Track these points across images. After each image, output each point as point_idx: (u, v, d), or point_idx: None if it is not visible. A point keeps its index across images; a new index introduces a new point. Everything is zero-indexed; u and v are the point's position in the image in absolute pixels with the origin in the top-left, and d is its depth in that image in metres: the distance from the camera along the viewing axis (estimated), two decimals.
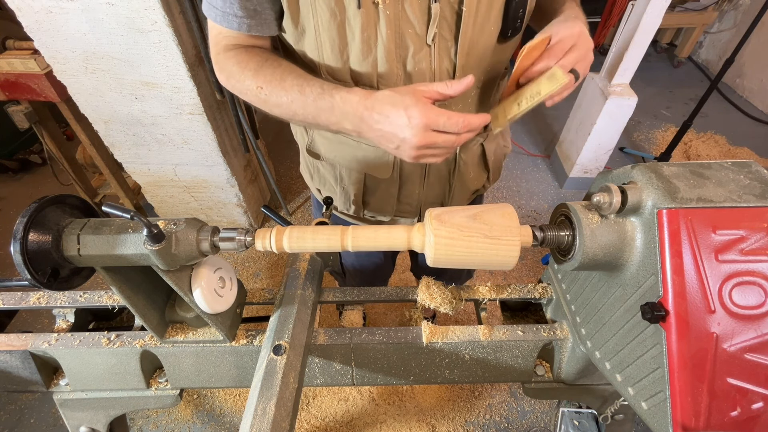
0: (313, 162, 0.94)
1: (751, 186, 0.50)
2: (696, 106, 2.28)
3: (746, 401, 0.46)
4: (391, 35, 0.64)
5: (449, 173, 0.89)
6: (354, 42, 0.65)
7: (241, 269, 2.18)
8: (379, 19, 0.62)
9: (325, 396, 1.70)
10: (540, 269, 2.16)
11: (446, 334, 0.74)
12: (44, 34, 1.43)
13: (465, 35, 0.66)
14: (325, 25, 0.64)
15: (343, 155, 0.85)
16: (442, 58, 0.68)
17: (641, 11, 1.80)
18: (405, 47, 0.66)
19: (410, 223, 0.97)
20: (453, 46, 0.67)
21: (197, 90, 1.58)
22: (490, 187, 1.02)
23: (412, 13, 0.62)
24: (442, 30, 0.65)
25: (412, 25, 0.64)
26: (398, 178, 0.86)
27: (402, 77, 0.69)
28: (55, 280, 0.55)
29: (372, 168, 0.84)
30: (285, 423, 0.55)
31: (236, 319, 0.74)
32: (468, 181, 0.92)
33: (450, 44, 0.67)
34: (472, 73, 0.70)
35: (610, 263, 0.55)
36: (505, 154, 1.00)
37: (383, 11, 0.61)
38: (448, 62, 0.69)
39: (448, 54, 0.68)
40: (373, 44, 0.65)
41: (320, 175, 0.96)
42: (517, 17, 0.68)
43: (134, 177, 1.99)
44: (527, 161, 2.80)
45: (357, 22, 0.62)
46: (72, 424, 0.80)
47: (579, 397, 0.81)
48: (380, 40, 0.65)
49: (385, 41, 0.64)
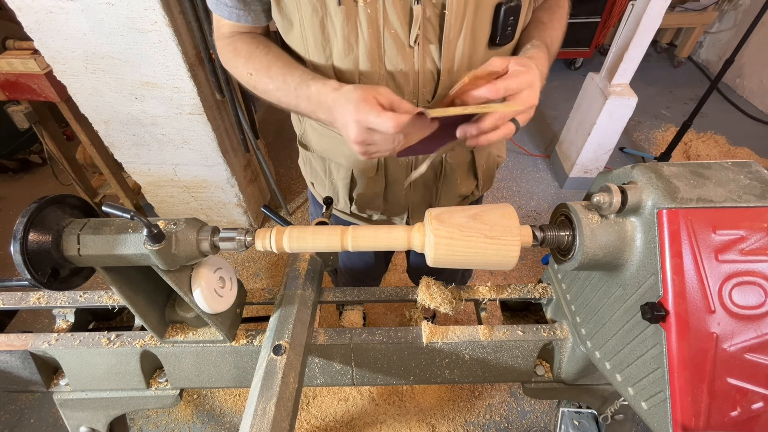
0: (306, 153, 0.95)
1: (751, 186, 0.50)
2: (696, 106, 2.27)
3: (746, 401, 0.46)
4: (373, 34, 0.64)
5: (435, 176, 0.88)
6: (336, 39, 0.65)
7: (241, 269, 2.18)
8: (359, 17, 0.62)
9: (325, 396, 1.70)
10: (540, 269, 2.16)
11: (446, 334, 0.74)
12: (44, 34, 1.43)
13: (448, 39, 0.65)
14: (308, 20, 0.64)
15: (332, 149, 0.86)
16: (425, 61, 0.67)
17: (641, 11, 1.80)
18: (387, 47, 0.65)
19: (400, 221, 0.98)
20: (437, 49, 0.66)
21: (197, 90, 1.58)
22: (479, 195, 1.01)
23: (394, 13, 0.62)
24: (426, 32, 0.64)
25: (394, 25, 0.63)
26: (384, 177, 0.86)
27: (384, 77, 0.69)
28: (55, 280, 0.55)
29: (357, 165, 0.85)
30: (285, 423, 0.55)
31: (236, 319, 0.74)
32: (454, 187, 0.91)
33: (434, 47, 0.66)
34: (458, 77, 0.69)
35: (610, 263, 0.55)
36: (498, 163, 0.98)
37: (363, 9, 0.61)
38: (431, 65, 0.68)
39: (432, 57, 0.67)
40: (354, 42, 0.65)
41: (312, 168, 0.96)
42: (508, 25, 0.66)
43: (134, 177, 1.99)
44: (527, 161, 2.80)
45: (338, 18, 0.62)
46: (72, 424, 0.80)
47: (579, 397, 0.81)
48: (361, 39, 0.64)
49: (366, 40, 0.64)
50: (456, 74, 0.69)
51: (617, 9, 3.06)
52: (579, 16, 3.14)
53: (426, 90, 0.71)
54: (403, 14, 0.62)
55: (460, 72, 0.69)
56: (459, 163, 0.88)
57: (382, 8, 0.61)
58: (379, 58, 0.66)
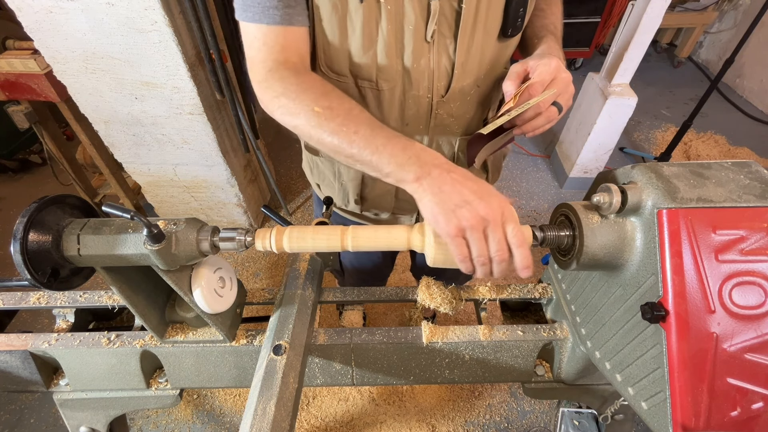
0: (312, 158, 0.94)
1: (751, 186, 0.50)
2: (696, 106, 2.27)
3: (746, 401, 0.46)
4: (392, 30, 0.65)
5: None
6: (354, 35, 0.66)
7: (241, 269, 2.18)
8: (380, 14, 0.63)
9: (325, 396, 1.70)
10: (540, 269, 2.16)
11: (446, 334, 0.74)
12: (44, 34, 1.43)
13: (464, 33, 0.66)
14: (327, 17, 0.64)
15: None
16: (441, 55, 0.69)
17: (641, 11, 1.80)
18: (405, 43, 0.67)
19: (409, 220, 0.98)
20: (452, 44, 0.68)
21: (197, 90, 1.58)
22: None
23: (412, 9, 0.63)
24: (441, 27, 0.66)
25: (412, 21, 0.64)
26: None
27: (401, 72, 0.70)
28: (55, 280, 0.55)
29: None
30: (285, 423, 0.55)
31: (236, 319, 0.74)
32: None
33: (449, 41, 0.68)
34: (472, 71, 0.71)
35: (610, 263, 0.55)
36: (504, 154, 1.00)
37: (384, 6, 0.62)
38: (447, 60, 0.70)
39: (447, 51, 0.69)
40: (374, 39, 0.66)
41: (319, 171, 0.96)
42: (518, 16, 0.68)
43: (134, 177, 1.99)
44: (527, 161, 2.80)
45: (359, 15, 0.63)
46: (72, 424, 0.80)
47: (579, 397, 0.81)
48: (381, 35, 0.65)
49: (386, 36, 0.65)
50: (469, 68, 0.71)
51: (617, 9, 3.06)
52: (579, 16, 3.13)
53: (440, 85, 0.72)
54: (421, 10, 0.64)
55: (473, 66, 0.71)
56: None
57: (402, 4, 0.63)
58: (397, 54, 0.68)
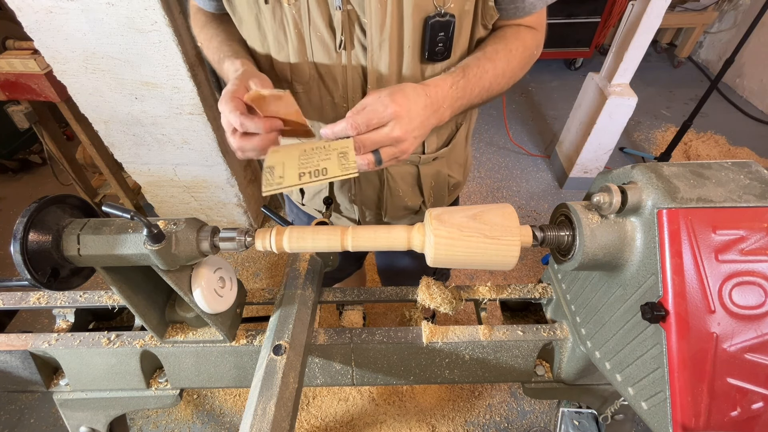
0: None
1: (751, 186, 0.50)
2: (696, 106, 2.27)
3: (746, 401, 0.46)
4: (299, 35, 0.65)
5: (381, 183, 0.86)
6: (269, 35, 0.67)
7: (241, 269, 2.18)
8: (285, 17, 0.64)
9: (325, 396, 1.70)
10: (540, 269, 2.16)
11: (446, 334, 0.74)
12: (44, 34, 1.43)
13: (371, 47, 0.65)
14: (246, 15, 0.67)
15: None
16: (353, 66, 0.68)
17: (641, 11, 1.80)
18: (314, 49, 0.66)
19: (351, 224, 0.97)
20: (364, 57, 0.66)
21: (197, 90, 1.58)
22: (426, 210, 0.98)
23: (318, 16, 0.62)
24: (353, 39, 0.65)
25: (319, 28, 0.64)
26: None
27: (315, 77, 0.70)
28: (55, 280, 0.55)
29: None
30: (285, 423, 0.55)
31: (236, 319, 0.74)
32: (397, 198, 0.89)
33: (361, 54, 0.66)
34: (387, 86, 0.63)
35: (610, 263, 0.55)
36: (451, 183, 0.94)
37: (288, 10, 0.62)
38: (360, 71, 0.68)
39: (360, 63, 0.67)
40: (284, 40, 0.67)
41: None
42: (437, 41, 0.64)
43: (134, 177, 1.99)
44: (527, 161, 2.80)
45: (269, 16, 0.64)
46: (72, 424, 0.80)
47: (579, 397, 0.81)
48: (289, 38, 0.66)
49: (294, 39, 0.66)
50: (385, 84, 0.68)
51: (617, 9, 3.06)
52: (579, 16, 3.14)
53: (356, 95, 0.71)
54: (326, 19, 0.63)
55: (390, 83, 0.68)
56: (402, 175, 0.86)
57: (306, 11, 0.62)
58: (308, 58, 0.68)
